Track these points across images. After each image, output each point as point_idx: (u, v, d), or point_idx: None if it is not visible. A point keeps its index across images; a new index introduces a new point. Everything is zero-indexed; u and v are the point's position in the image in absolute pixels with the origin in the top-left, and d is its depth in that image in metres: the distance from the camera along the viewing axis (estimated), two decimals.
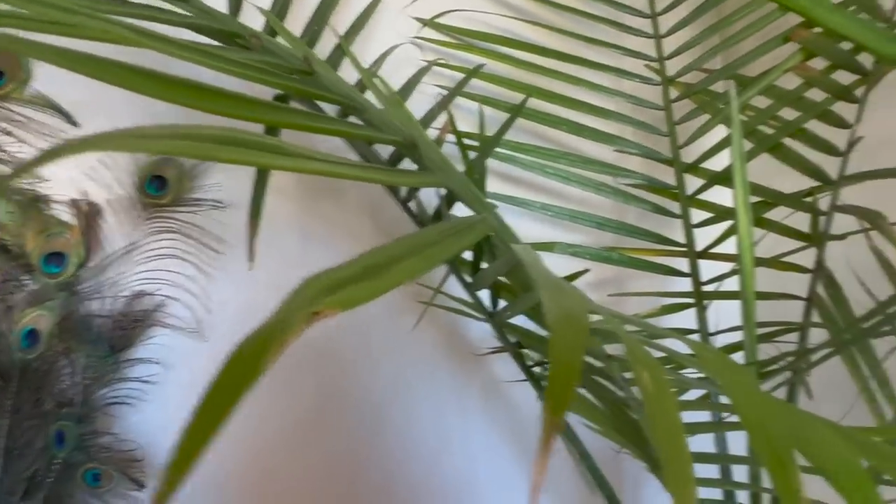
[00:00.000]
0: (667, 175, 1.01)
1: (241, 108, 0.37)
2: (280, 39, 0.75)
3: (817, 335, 0.89)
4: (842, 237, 0.84)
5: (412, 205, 0.79)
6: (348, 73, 0.90)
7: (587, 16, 1.04)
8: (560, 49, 1.01)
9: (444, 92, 0.97)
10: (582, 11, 1.04)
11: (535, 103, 1.00)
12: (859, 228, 0.80)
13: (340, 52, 0.85)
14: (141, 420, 0.92)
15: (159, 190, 0.90)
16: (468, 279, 0.80)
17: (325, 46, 0.88)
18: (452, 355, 1.07)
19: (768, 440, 0.24)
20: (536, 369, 0.85)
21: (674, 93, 1.03)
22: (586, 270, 0.64)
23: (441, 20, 1.04)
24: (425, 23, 1.02)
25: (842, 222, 0.88)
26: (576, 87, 1.00)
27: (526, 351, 0.85)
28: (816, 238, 0.88)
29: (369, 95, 0.91)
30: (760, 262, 0.91)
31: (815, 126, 0.90)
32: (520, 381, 0.85)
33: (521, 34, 1.06)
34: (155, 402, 0.93)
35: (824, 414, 1.02)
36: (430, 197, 0.94)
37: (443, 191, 0.75)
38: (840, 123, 0.89)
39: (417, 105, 0.94)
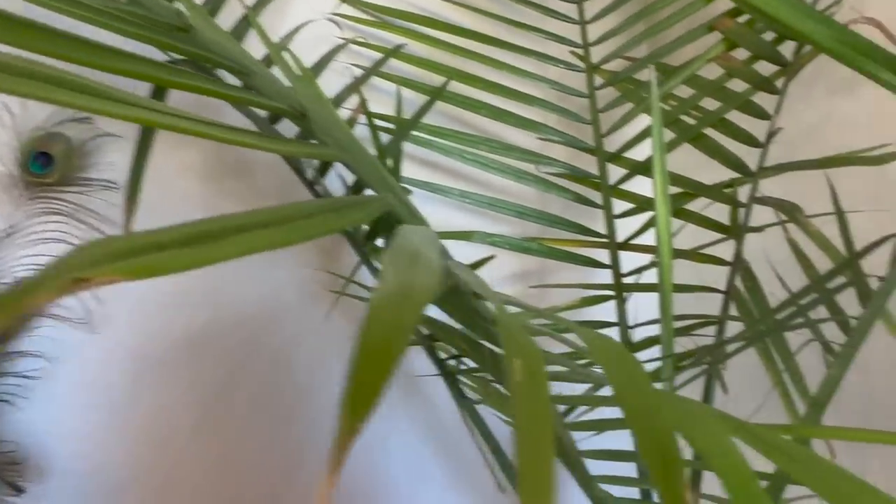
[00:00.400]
0: (590, 164, 0.99)
1: (81, 52, 0.31)
2: None
3: (736, 329, 0.88)
4: (760, 229, 0.83)
5: (319, 189, 0.75)
6: (257, 49, 0.84)
7: None
8: (483, 32, 0.97)
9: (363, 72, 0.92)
10: None
11: (456, 87, 0.96)
12: (777, 221, 0.79)
13: (247, 23, 0.79)
14: (23, 419, 0.85)
15: (44, 168, 0.82)
16: (378, 266, 0.76)
17: (231, 16, 0.82)
18: None
19: (651, 432, 0.21)
20: (452, 362, 0.81)
21: (598, 80, 1.00)
22: (492, 257, 0.61)
23: None
24: None
25: (761, 214, 0.87)
26: (499, 71, 0.97)
27: (441, 344, 0.81)
28: (735, 230, 0.86)
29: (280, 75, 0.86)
30: (679, 253, 0.89)
31: (737, 117, 0.89)
32: (434, 376, 0.81)
33: (444, 15, 1.02)
34: (39, 400, 0.85)
35: (740, 409, 1.02)
36: (339, 182, 0.90)
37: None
38: (760, 114, 0.88)
39: (336, 86, 0.89)
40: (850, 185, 0.94)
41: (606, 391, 1.01)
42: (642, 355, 0.90)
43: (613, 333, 0.94)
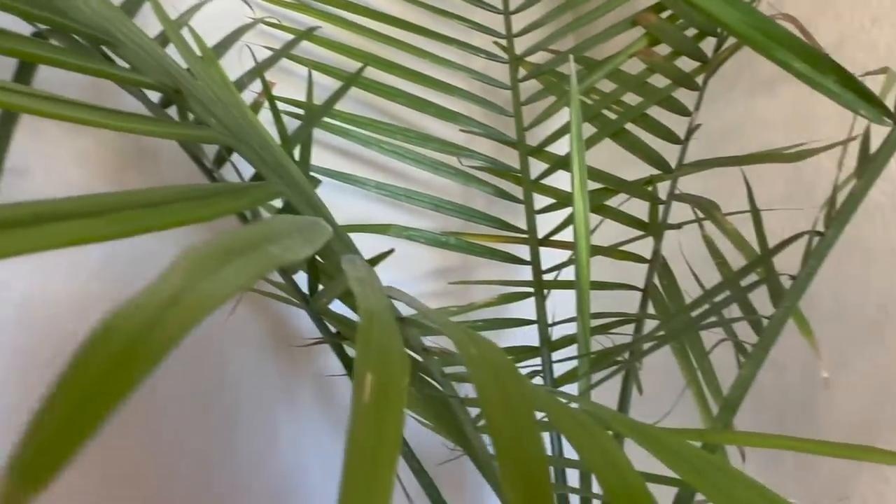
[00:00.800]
0: (512, 158, 0.96)
1: None
2: None
3: (653, 327, 0.87)
4: (678, 226, 0.82)
5: (218, 178, 0.69)
6: (152, 24, 0.78)
7: None
8: (405, 18, 0.94)
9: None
10: None
11: (375, 74, 0.92)
12: (695, 218, 0.78)
13: None
14: None
15: None
16: None
17: None
18: (280, 348, 0.98)
19: (519, 467, 0.18)
20: None
21: (522, 72, 0.98)
22: (391, 251, 0.57)
23: None
24: None
25: (680, 211, 0.86)
26: (420, 59, 0.93)
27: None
28: (655, 227, 0.85)
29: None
30: (598, 250, 0.87)
31: (658, 114, 0.88)
32: (343, 376, 0.77)
33: (363, 0, 0.98)
34: None
35: (656, 409, 1.01)
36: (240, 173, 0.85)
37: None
38: (681, 111, 0.87)
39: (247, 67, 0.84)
40: (767, 184, 0.94)
41: None
42: (560, 353, 0.88)
43: (532, 331, 0.91)
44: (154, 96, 0.69)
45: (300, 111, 0.87)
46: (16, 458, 0.12)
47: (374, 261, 0.53)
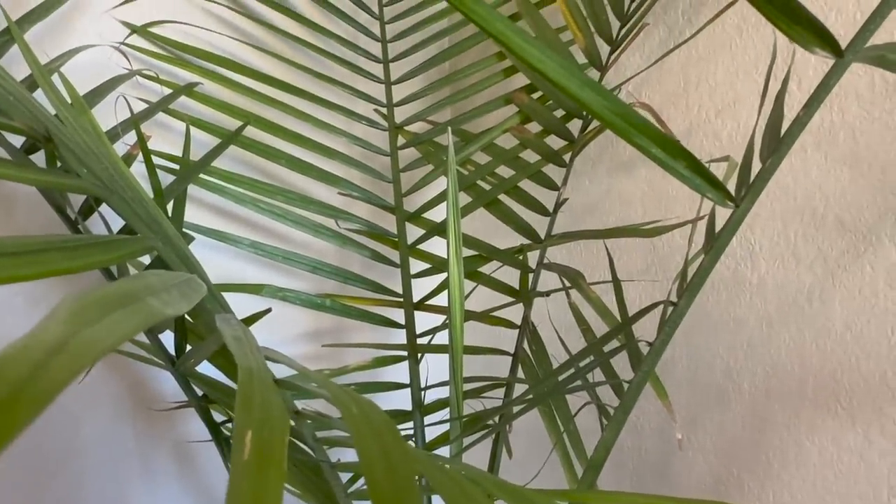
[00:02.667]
0: (389, 223, 0.98)
1: None
2: None
3: (522, 391, 0.90)
4: (546, 294, 0.86)
5: (83, 231, 0.66)
6: (19, 68, 0.75)
7: (320, 52, 0.99)
8: (288, 81, 0.94)
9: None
10: (315, 47, 0.99)
11: (256, 135, 0.92)
12: (562, 286, 0.82)
13: (9, 37, 0.70)
14: None
15: None
16: None
17: None
18: (138, 411, 0.92)
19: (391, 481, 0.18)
20: (230, 426, 0.74)
21: (401, 140, 1.01)
22: (268, 310, 0.56)
23: (154, 30, 0.92)
24: (135, 29, 0.90)
25: (548, 280, 0.90)
26: (302, 122, 0.94)
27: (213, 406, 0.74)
28: (525, 294, 0.89)
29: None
30: (471, 315, 0.90)
31: (529, 186, 0.93)
32: (208, 441, 0.74)
33: (247, 60, 0.98)
34: None
35: (525, 472, 1.03)
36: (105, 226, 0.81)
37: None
38: (550, 185, 0.92)
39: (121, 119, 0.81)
40: (627, 256, 1.01)
41: None
42: (432, 417, 0.88)
43: (405, 394, 0.92)
44: (16, 141, 0.65)
45: (175, 166, 0.85)
46: None
47: (250, 320, 0.52)
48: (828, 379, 0.79)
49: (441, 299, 0.94)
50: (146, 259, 0.81)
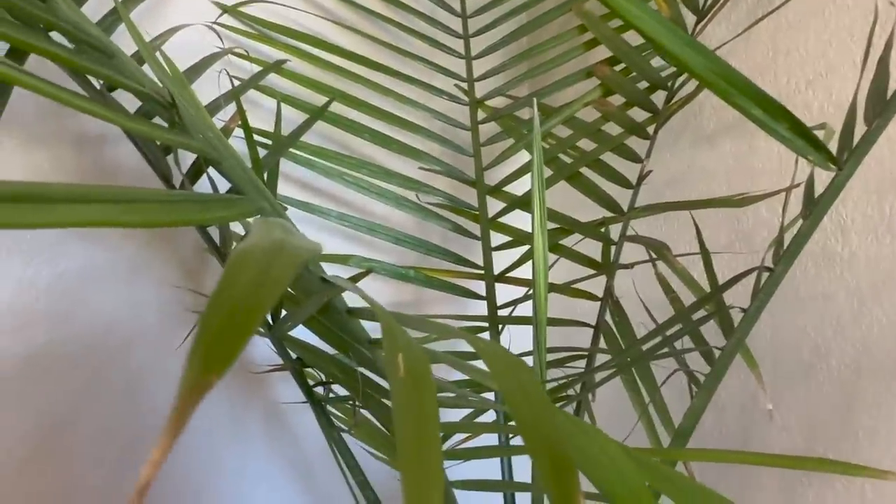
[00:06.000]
0: (470, 196, 0.99)
1: None
2: None
3: (604, 362, 0.90)
4: (630, 266, 0.86)
5: None
6: (128, 46, 0.79)
7: (402, 28, 1.01)
8: (371, 58, 0.96)
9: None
10: (396, 23, 1.01)
11: (340, 110, 0.94)
12: (646, 258, 0.82)
13: (116, 18, 0.74)
14: None
15: None
16: None
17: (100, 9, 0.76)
18: (233, 374, 0.97)
19: (543, 439, 0.19)
20: (319, 390, 0.77)
21: (481, 115, 1.02)
22: (370, 271, 0.58)
23: (245, 10, 0.95)
24: (226, 9, 0.94)
25: (630, 252, 0.90)
26: (384, 97, 0.96)
27: (309, 370, 0.77)
28: (607, 266, 0.89)
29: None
30: (553, 287, 0.90)
31: (611, 159, 0.93)
32: (302, 403, 0.77)
33: (331, 37, 1.00)
34: None
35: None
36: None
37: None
38: (633, 157, 0.92)
39: (213, 98, 0.85)
40: (710, 232, 0.99)
41: (484, 417, 1.00)
42: None
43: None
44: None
45: (266, 141, 0.88)
46: (194, 353, 0.13)
47: (354, 280, 0.54)
48: None
49: (521, 272, 0.95)
50: (239, 228, 0.85)
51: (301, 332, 0.71)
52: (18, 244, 0.82)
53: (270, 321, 0.71)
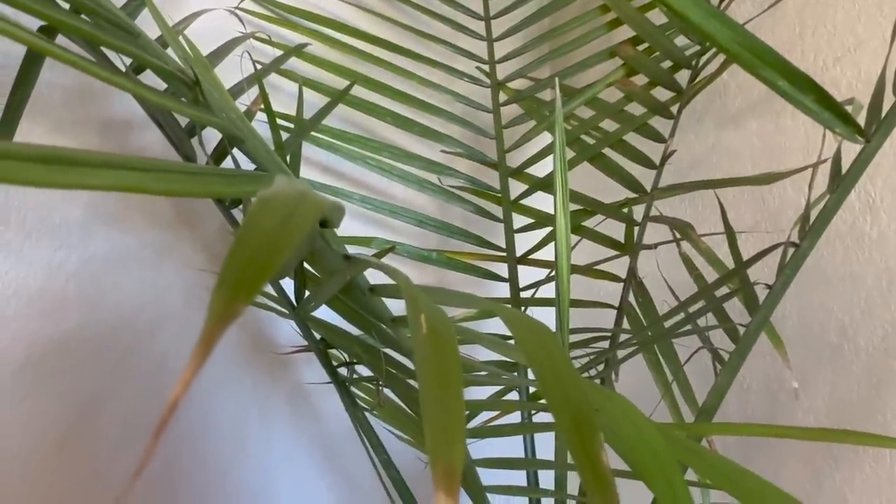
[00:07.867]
0: (492, 178, 0.99)
1: None
2: None
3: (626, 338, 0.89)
4: (653, 247, 0.86)
5: None
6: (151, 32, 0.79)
7: (422, 10, 1.00)
8: (392, 41, 0.96)
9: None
10: (417, 5, 1.00)
11: (361, 93, 0.95)
12: (670, 239, 0.81)
13: (140, 3, 0.75)
14: None
15: None
16: None
17: None
18: (258, 356, 0.98)
19: (565, 398, 0.20)
20: (343, 370, 0.78)
21: (503, 97, 1.01)
22: (393, 247, 0.59)
23: None
24: None
25: (652, 233, 0.89)
26: (405, 80, 0.96)
27: (333, 351, 0.78)
28: (630, 247, 0.88)
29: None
30: (576, 269, 0.90)
31: (634, 139, 0.92)
32: (326, 384, 0.77)
33: (352, 21, 1.00)
34: None
35: None
36: None
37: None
38: (656, 137, 0.91)
39: (235, 82, 0.85)
40: (735, 212, 0.98)
41: (508, 397, 1.00)
42: None
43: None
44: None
45: (288, 124, 0.88)
46: (223, 280, 0.14)
47: (379, 255, 0.54)
48: None
49: (543, 253, 0.95)
50: None
51: (325, 313, 0.72)
52: (48, 228, 0.84)
53: (294, 302, 0.72)
